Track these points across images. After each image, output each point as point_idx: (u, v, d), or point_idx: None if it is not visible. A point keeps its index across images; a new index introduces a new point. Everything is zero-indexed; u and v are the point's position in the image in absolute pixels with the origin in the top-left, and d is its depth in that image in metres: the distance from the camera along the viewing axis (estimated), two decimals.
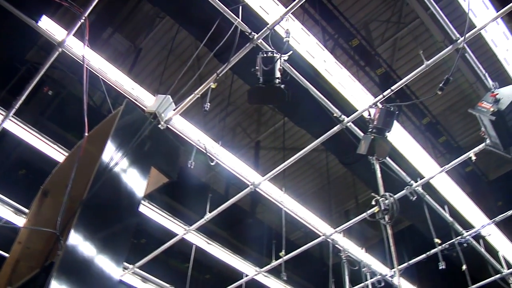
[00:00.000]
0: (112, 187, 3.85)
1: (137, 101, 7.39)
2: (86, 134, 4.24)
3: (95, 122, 4.49)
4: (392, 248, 5.90)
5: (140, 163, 4.25)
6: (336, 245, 9.76)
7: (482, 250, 10.08)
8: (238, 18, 6.40)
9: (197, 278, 12.92)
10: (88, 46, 6.19)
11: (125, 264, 9.64)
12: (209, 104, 6.36)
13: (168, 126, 7.24)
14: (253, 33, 6.48)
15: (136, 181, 4.12)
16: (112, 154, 3.91)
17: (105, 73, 7.16)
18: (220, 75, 6.62)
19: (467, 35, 6.07)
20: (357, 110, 7.40)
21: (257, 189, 8.56)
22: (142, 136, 4.34)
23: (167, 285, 10.53)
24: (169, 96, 6.42)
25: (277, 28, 6.40)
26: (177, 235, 9.51)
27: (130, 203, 4.01)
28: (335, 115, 7.42)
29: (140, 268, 10.07)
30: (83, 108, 4.48)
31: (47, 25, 6.55)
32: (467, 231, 9.71)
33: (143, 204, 8.91)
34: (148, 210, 9.19)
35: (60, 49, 6.51)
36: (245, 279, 10.58)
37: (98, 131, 4.41)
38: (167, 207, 9.74)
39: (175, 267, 12.25)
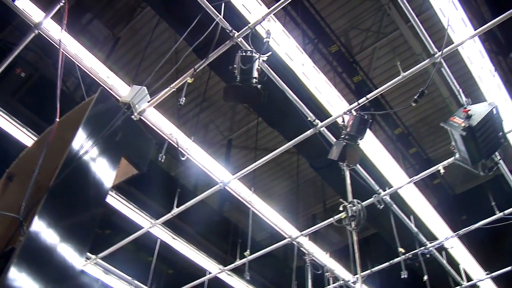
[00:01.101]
0: (80, 175, 3.79)
1: (112, 90, 7.30)
2: (58, 119, 4.15)
3: (67, 108, 4.39)
4: (357, 255, 5.95)
5: (110, 153, 4.19)
6: (301, 248, 9.80)
7: (444, 262, 10.26)
8: (220, 14, 6.38)
9: (160, 272, 12.83)
10: (65, 30, 6.07)
11: (88, 254, 9.50)
12: (184, 98, 6.32)
13: (142, 117, 7.17)
14: (233, 31, 6.47)
15: (105, 171, 4.06)
16: (82, 142, 3.85)
17: (81, 59, 7.05)
18: (197, 70, 6.59)
19: (444, 50, 6.17)
20: (331, 116, 7.44)
21: (226, 187, 8.54)
22: (114, 126, 4.28)
23: (129, 277, 10.42)
24: (145, 87, 6.37)
25: (258, 28, 6.40)
26: (142, 228, 9.43)
27: (97, 192, 3.95)
28: (309, 119, 7.45)
29: (103, 259, 9.92)
30: (56, 93, 4.40)
31: (24, 5, 6.39)
32: (430, 243, 9.88)
33: (110, 195, 8.80)
34: (115, 201, 9.08)
35: (36, 31, 6.37)
36: (208, 276, 10.54)
37: (70, 117, 4.32)
38: (134, 199, 9.64)
39: (138, 260, 12.11)
